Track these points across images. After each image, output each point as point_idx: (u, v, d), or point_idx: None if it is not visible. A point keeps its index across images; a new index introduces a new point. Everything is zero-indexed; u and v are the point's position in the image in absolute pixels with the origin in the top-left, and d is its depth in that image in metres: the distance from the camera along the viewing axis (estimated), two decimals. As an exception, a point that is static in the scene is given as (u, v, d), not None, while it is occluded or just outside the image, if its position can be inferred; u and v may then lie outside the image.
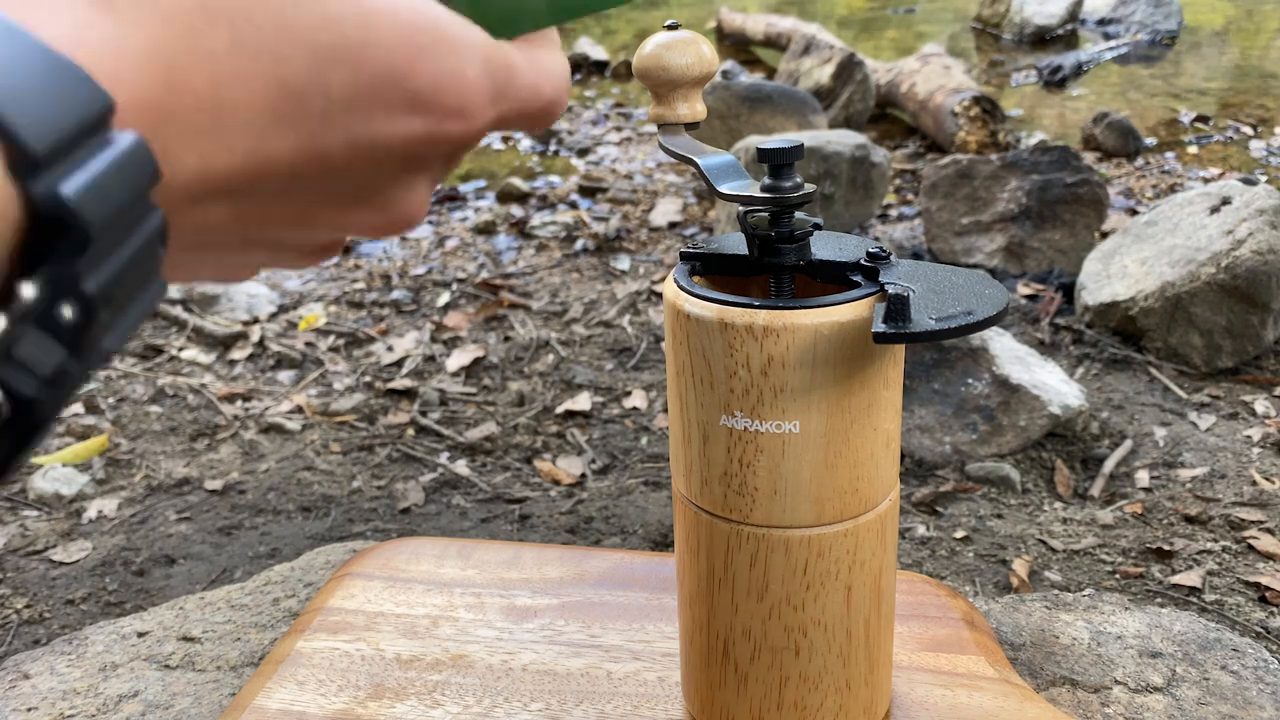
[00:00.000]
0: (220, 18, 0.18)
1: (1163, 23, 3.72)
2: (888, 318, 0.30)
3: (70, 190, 0.15)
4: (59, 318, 0.15)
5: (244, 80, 0.18)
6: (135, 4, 0.17)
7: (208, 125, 0.18)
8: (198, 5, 0.18)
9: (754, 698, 0.37)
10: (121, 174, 0.16)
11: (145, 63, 0.17)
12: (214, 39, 0.18)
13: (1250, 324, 1.40)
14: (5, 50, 0.15)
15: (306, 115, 0.19)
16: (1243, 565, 1.04)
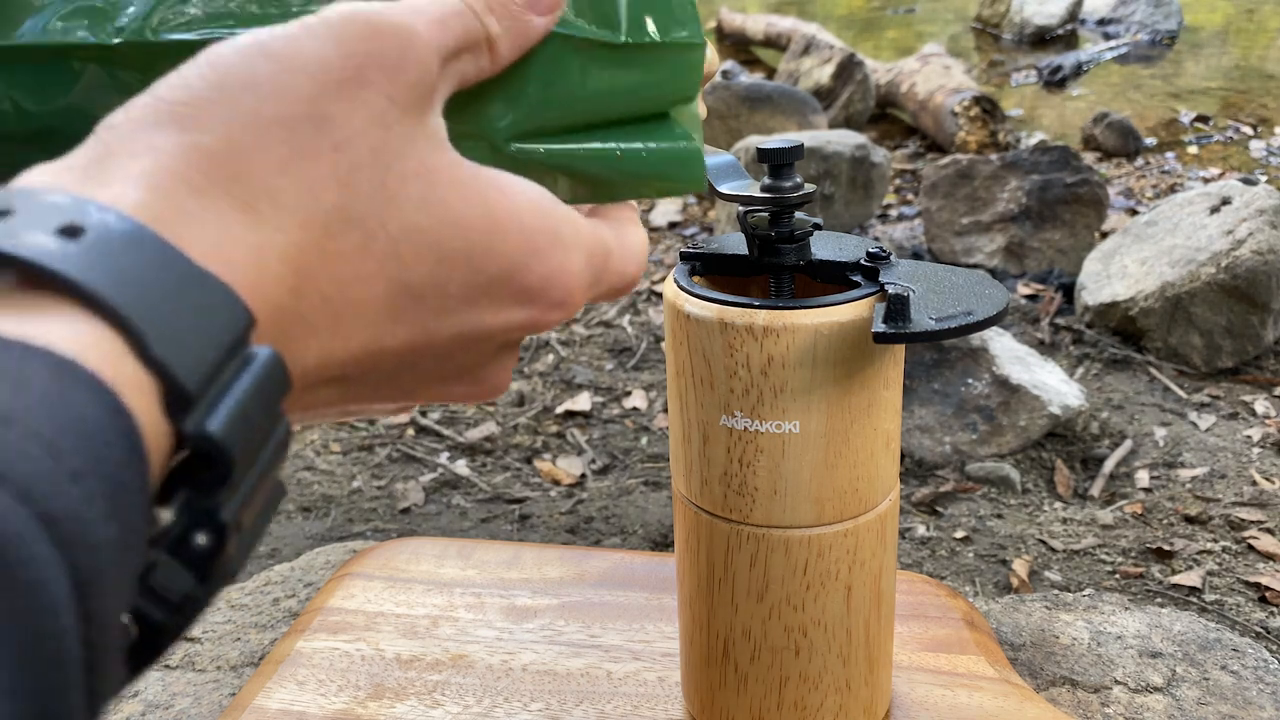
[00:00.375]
0: (354, 223, 0.18)
1: (1163, 23, 3.72)
2: (888, 318, 0.30)
3: (217, 427, 0.15)
4: (193, 546, 0.15)
5: (368, 281, 0.19)
6: (277, 208, 0.17)
7: (330, 324, 0.18)
8: (335, 209, 0.18)
9: (754, 698, 0.37)
10: (260, 395, 0.16)
11: (280, 267, 0.17)
12: (346, 242, 0.18)
13: (1250, 324, 1.40)
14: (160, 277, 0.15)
15: (423, 311, 0.19)
16: (1243, 565, 1.04)
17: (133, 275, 0.15)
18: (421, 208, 0.19)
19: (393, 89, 0.19)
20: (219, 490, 0.15)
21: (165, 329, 0.15)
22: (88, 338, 0.14)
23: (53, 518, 0.12)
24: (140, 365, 0.15)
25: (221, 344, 0.16)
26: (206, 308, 0.16)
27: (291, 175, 0.18)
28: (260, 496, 0.17)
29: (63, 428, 0.13)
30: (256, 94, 0.18)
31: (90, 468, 0.13)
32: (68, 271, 0.14)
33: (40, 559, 0.12)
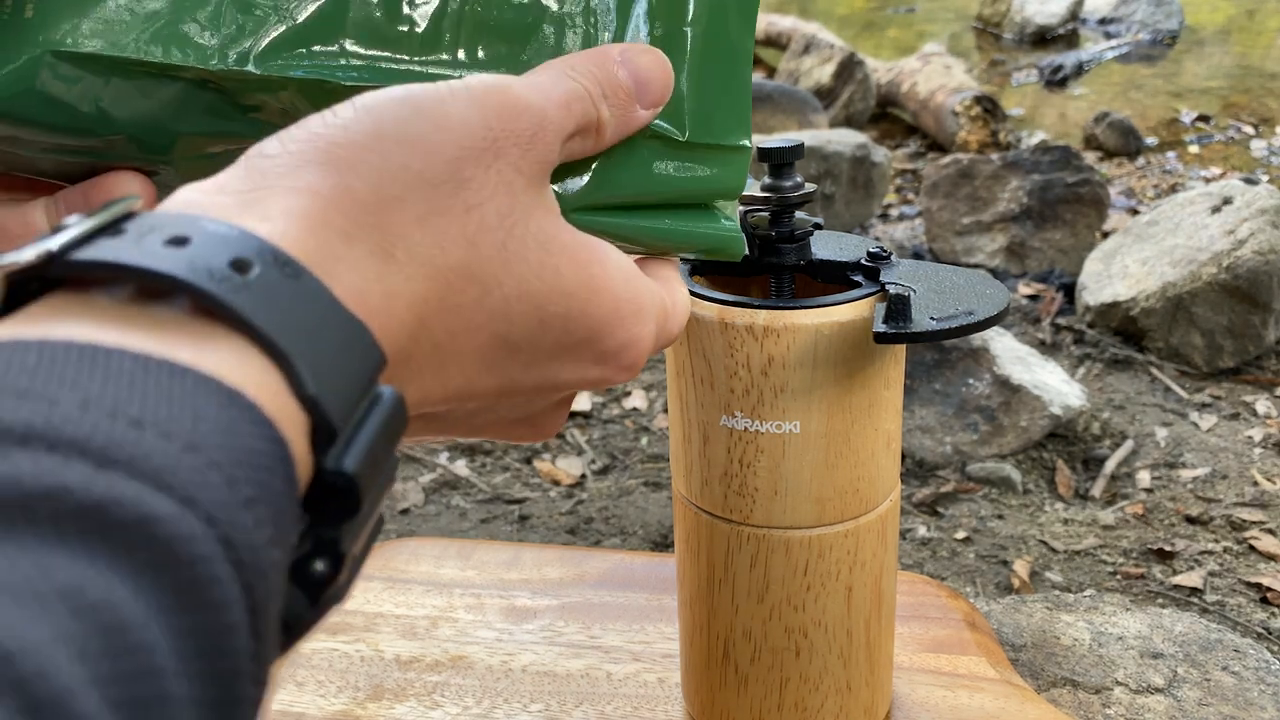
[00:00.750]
0: (475, 279, 0.20)
1: (1164, 22, 3.72)
2: (888, 318, 0.30)
3: (353, 464, 0.16)
4: (312, 572, 0.16)
5: (474, 333, 0.20)
6: (411, 258, 0.19)
7: (434, 368, 0.20)
8: (461, 264, 0.19)
9: (754, 699, 0.37)
10: (385, 434, 0.17)
11: (406, 314, 0.19)
12: (464, 297, 0.20)
13: (1251, 324, 1.40)
14: (314, 316, 0.16)
15: (514, 363, 0.21)
16: (1244, 566, 1.04)
17: (291, 313, 0.16)
18: (536, 272, 0.20)
19: (521, 162, 0.20)
20: (345, 523, 0.16)
21: (318, 367, 0.16)
22: (253, 371, 0.15)
23: (230, 541, 0.13)
24: (295, 401, 0.16)
25: (361, 384, 0.17)
26: (350, 348, 0.17)
27: (427, 229, 0.19)
28: (371, 529, 0.18)
29: (235, 458, 0.14)
30: (408, 149, 0.19)
31: (259, 495, 0.14)
32: (239, 307, 0.15)
33: (224, 579, 0.13)
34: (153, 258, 0.15)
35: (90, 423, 0.13)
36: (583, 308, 0.21)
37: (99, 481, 0.12)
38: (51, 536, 0.11)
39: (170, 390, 0.14)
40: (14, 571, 0.11)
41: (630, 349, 0.22)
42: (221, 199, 0.18)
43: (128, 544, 0.12)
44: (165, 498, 0.13)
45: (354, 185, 0.18)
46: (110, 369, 0.14)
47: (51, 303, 0.15)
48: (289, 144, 0.19)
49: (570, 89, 0.22)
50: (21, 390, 0.13)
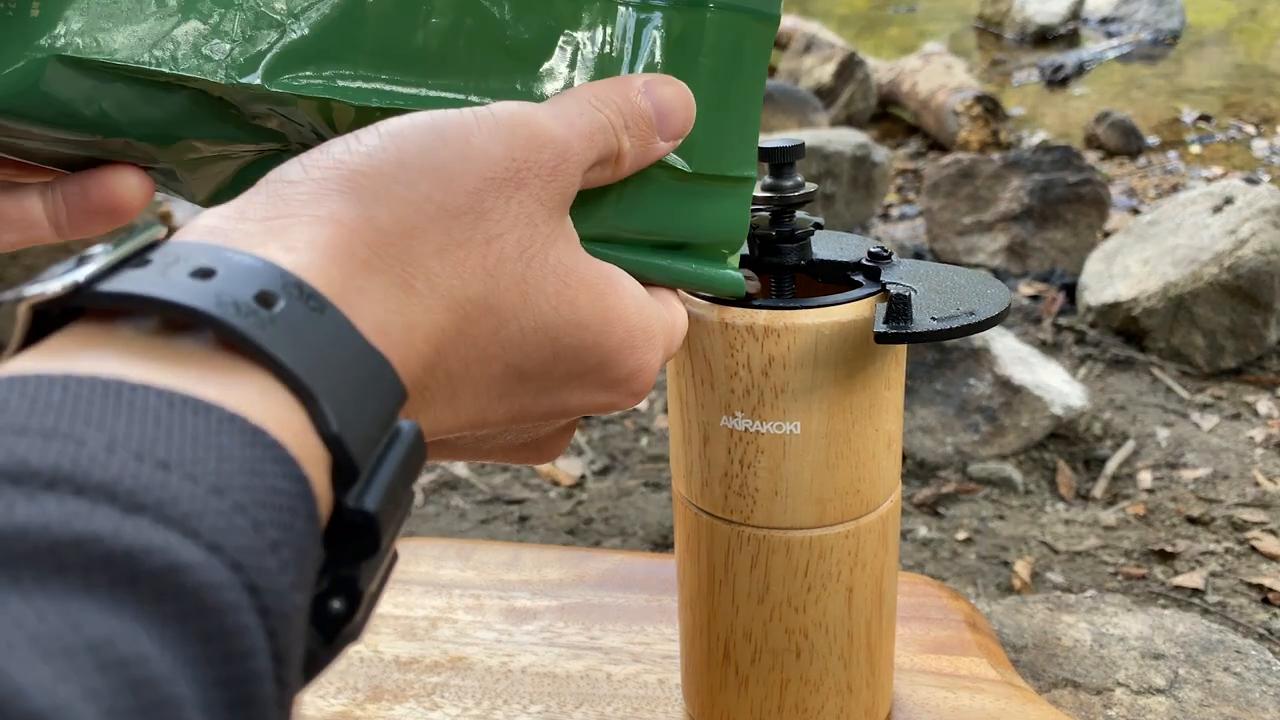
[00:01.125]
0: (491, 311, 0.20)
1: (1165, 21, 3.72)
2: (889, 318, 0.30)
3: (374, 503, 0.16)
4: (329, 610, 0.16)
5: (488, 363, 0.20)
6: (431, 289, 0.19)
7: (447, 397, 0.20)
8: (479, 296, 0.19)
9: (755, 700, 0.37)
10: (405, 470, 0.17)
11: (423, 345, 0.19)
12: (480, 328, 0.20)
13: (1253, 324, 1.40)
14: (339, 353, 0.16)
15: (525, 392, 0.21)
16: (1245, 567, 1.04)
17: (316, 349, 0.16)
18: (554, 305, 0.20)
19: (543, 194, 0.20)
20: (364, 561, 0.16)
21: (341, 404, 0.16)
22: (276, 408, 0.15)
23: (256, 588, 0.13)
24: (317, 438, 0.15)
25: (382, 421, 0.17)
26: (373, 384, 0.17)
27: (447, 261, 0.19)
28: (387, 567, 0.18)
29: (260, 499, 0.14)
30: (431, 179, 0.19)
31: (283, 537, 0.14)
32: (264, 343, 0.15)
33: (250, 627, 0.13)
34: (178, 290, 0.15)
35: (118, 465, 0.13)
36: (596, 339, 0.21)
37: (127, 528, 0.12)
38: (80, 587, 0.11)
39: (195, 429, 0.14)
40: (43, 624, 0.11)
41: (639, 376, 0.23)
42: (244, 226, 0.17)
43: (156, 594, 0.12)
44: (192, 544, 0.12)
45: (377, 215, 0.18)
46: (135, 407, 0.13)
47: (75, 334, 0.15)
48: (312, 170, 0.18)
49: (594, 120, 0.22)
50: (49, 430, 0.13)
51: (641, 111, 0.23)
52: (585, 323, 0.21)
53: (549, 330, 0.20)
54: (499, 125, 0.20)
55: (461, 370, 0.20)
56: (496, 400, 0.21)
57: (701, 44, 0.25)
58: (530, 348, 0.20)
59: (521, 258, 0.20)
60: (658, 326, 0.23)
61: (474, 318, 0.19)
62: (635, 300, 0.22)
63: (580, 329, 0.21)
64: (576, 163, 0.21)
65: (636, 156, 0.23)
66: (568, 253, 0.21)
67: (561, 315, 0.21)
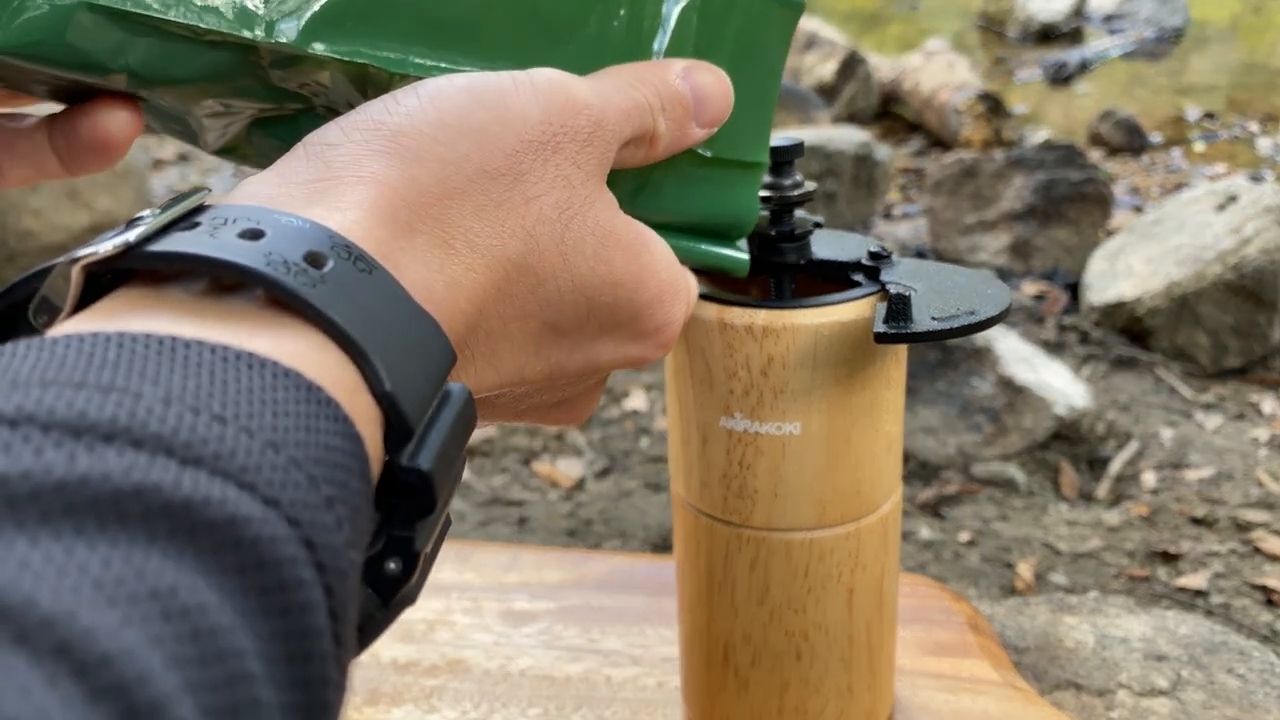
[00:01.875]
0: (530, 270, 0.20)
1: (1169, 19, 3.71)
2: (889, 317, 0.30)
3: (428, 462, 0.16)
4: (385, 572, 0.16)
5: (525, 321, 0.20)
6: (471, 249, 0.19)
7: (487, 355, 0.20)
8: (519, 255, 0.19)
9: (755, 702, 0.36)
10: (457, 432, 0.17)
11: (466, 305, 0.19)
12: (519, 286, 0.20)
13: (1257, 323, 1.39)
14: (389, 313, 0.16)
15: (560, 348, 0.21)
16: (1249, 567, 1.03)
17: (366, 308, 0.16)
18: (591, 265, 0.21)
19: (579, 157, 0.21)
20: (419, 521, 0.16)
21: (393, 363, 0.16)
22: (330, 366, 0.15)
23: (312, 543, 0.13)
24: (370, 397, 0.15)
25: (434, 381, 0.17)
26: (424, 345, 0.17)
27: (486, 220, 0.19)
28: (441, 528, 0.18)
29: (315, 455, 0.14)
30: (470, 140, 0.19)
31: (338, 494, 0.14)
32: (315, 301, 0.15)
33: (308, 582, 0.13)
34: (228, 250, 0.15)
35: (174, 417, 0.13)
36: (630, 295, 0.22)
37: (185, 480, 0.12)
38: (142, 535, 0.11)
39: (250, 384, 0.14)
40: (108, 570, 0.11)
41: (666, 328, 0.23)
42: (288, 189, 0.18)
43: (215, 545, 0.12)
44: (249, 497, 0.12)
45: (418, 176, 0.18)
46: (190, 362, 0.13)
47: (127, 295, 0.15)
48: (352, 133, 0.19)
49: (632, 98, 0.22)
50: (106, 384, 0.13)
51: (680, 95, 0.23)
52: (620, 281, 0.21)
53: (585, 289, 0.21)
54: (537, 90, 0.20)
55: (500, 328, 0.20)
56: (534, 357, 0.21)
57: (728, 26, 0.25)
58: (567, 306, 0.21)
59: (560, 219, 0.20)
60: (682, 282, 0.24)
61: (513, 277, 0.19)
62: (665, 258, 0.23)
63: (615, 287, 0.21)
64: (612, 134, 0.21)
65: (671, 140, 0.23)
66: (606, 215, 0.21)
67: (598, 275, 0.21)
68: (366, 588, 0.16)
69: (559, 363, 0.21)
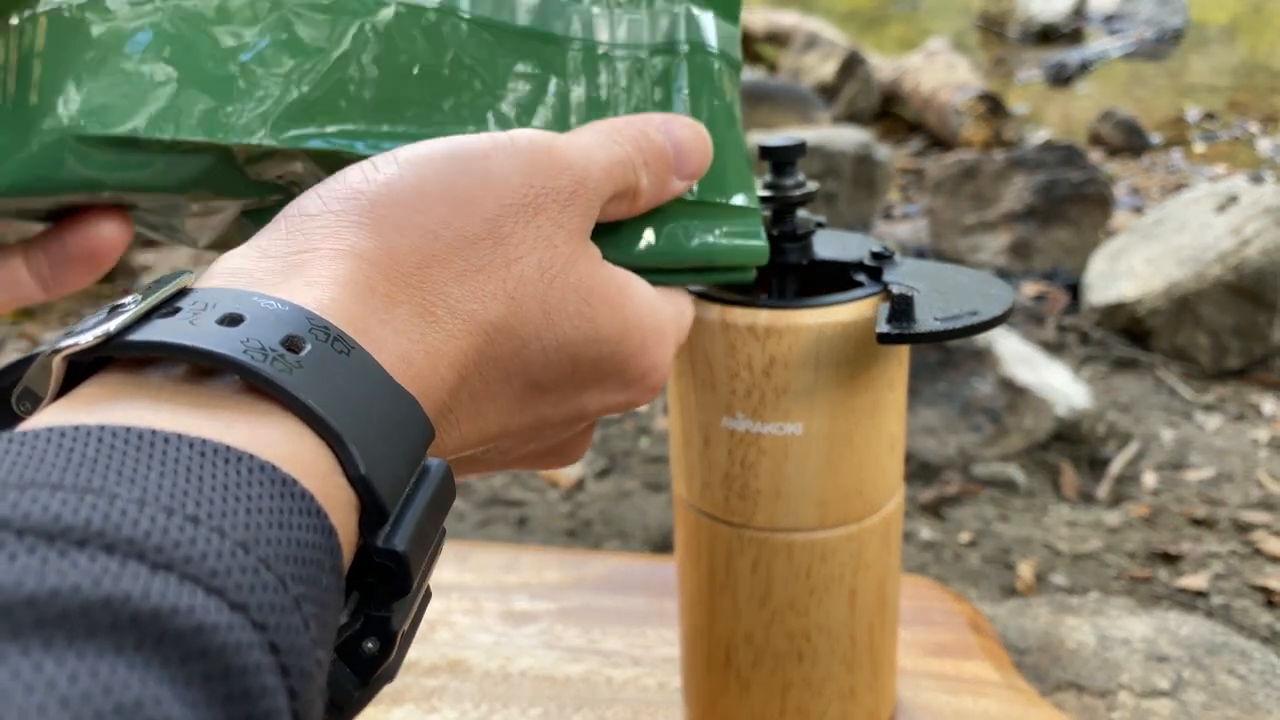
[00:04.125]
0: (515, 333, 0.20)
1: (1169, 19, 3.71)
2: (892, 318, 0.30)
3: (403, 544, 0.16)
4: (362, 652, 0.16)
5: (509, 381, 0.20)
6: (452, 315, 0.19)
7: (471, 415, 0.20)
8: (501, 320, 0.19)
9: (756, 704, 0.36)
10: (434, 510, 0.17)
11: (447, 372, 0.19)
12: (502, 349, 0.20)
13: (1258, 324, 1.39)
14: (366, 395, 0.16)
15: (546, 402, 0.21)
16: (1250, 568, 1.03)
17: (343, 393, 0.16)
18: (575, 323, 0.21)
19: (561, 217, 0.21)
20: (394, 602, 0.16)
21: (368, 447, 0.16)
22: (305, 452, 0.15)
23: (278, 647, 0.13)
24: (346, 483, 0.16)
25: (410, 460, 0.17)
26: (401, 425, 0.17)
27: (467, 286, 0.19)
28: (420, 605, 0.18)
29: (287, 554, 0.14)
30: (449, 207, 0.19)
31: (307, 593, 0.14)
32: (292, 388, 0.15)
33: (271, 688, 0.13)
34: (206, 338, 0.15)
35: (148, 519, 0.13)
36: (614, 349, 0.22)
37: (155, 586, 0.12)
38: (110, 648, 0.12)
39: (226, 479, 0.14)
40: (75, 687, 0.11)
41: (653, 373, 0.23)
42: (267, 264, 0.18)
43: (182, 654, 0.12)
44: (217, 602, 0.13)
45: (397, 245, 0.18)
46: (168, 458, 0.14)
47: (107, 382, 0.16)
48: (330, 202, 0.19)
49: (614, 154, 0.22)
50: (82, 486, 0.13)
51: (660, 149, 0.23)
52: (605, 336, 0.21)
53: (570, 347, 0.21)
54: (518, 151, 0.20)
55: (484, 389, 0.20)
56: (518, 413, 0.21)
57: (679, 81, 0.26)
58: (551, 364, 0.21)
59: (542, 279, 0.20)
60: (669, 324, 0.24)
61: (497, 340, 0.20)
62: (648, 304, 0.23)
63: (600, 343, 0.21)
64: (594, 191, 0.21)
65: (654, 193, 0.24)
66: (588, 271, 0.21)
67: (582, 332, 0.21)
68: (344, 666, 0.16)
69: (544, 416, 0.22)
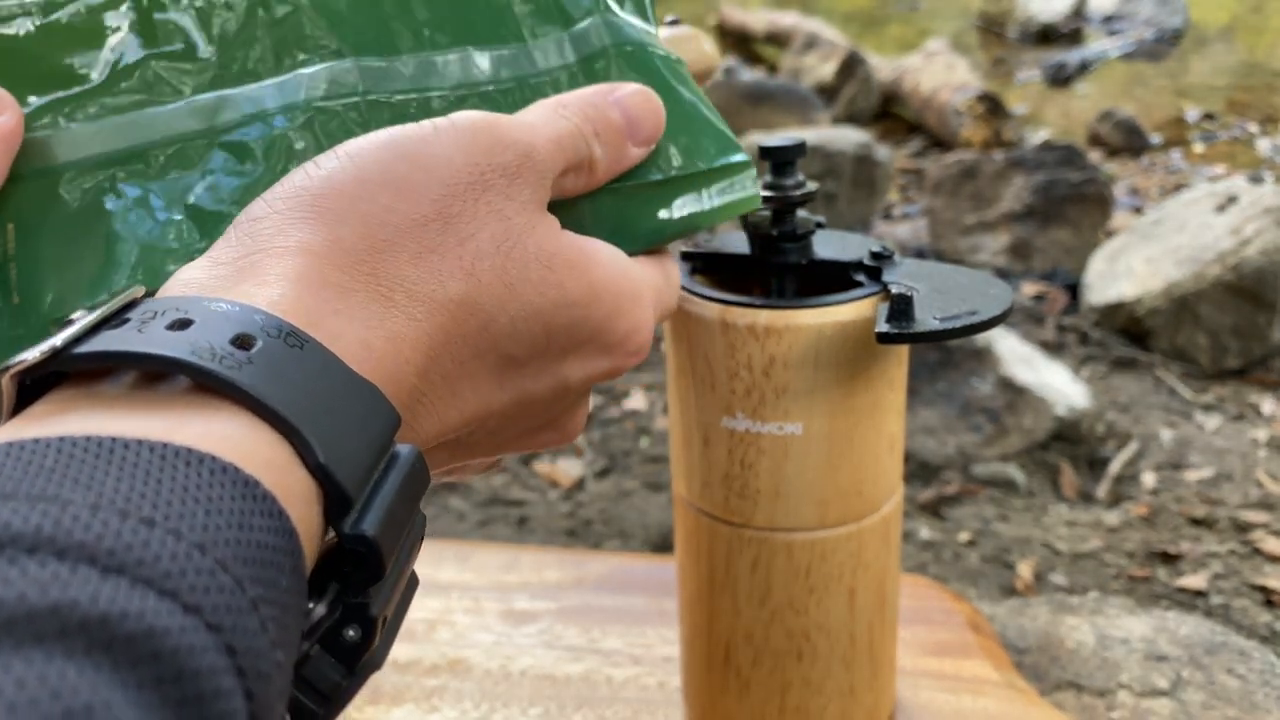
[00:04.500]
0: (477, 308, 0.20)
1: (1168, 20, 3.71)
2: (891, 317, 0.30)
3: (372, 529, 0.16)
4: (344, 640, 0.16)
5: (482, 358, 0.20)
6: (411, 299, 0.19)
7: (447, 396, 0.20)
8: (463, 296, 0.19)
9: (756, 703, 0.36)
10: (406, 495, 0.17)
11: (412, 354, 0.19)
12: (468, 326, 0.20)
13: (1257, 324, 1.39)
14: (322, 385, 0.16)
15: (525, 376, 0.21)
16: (1249, 568, 1.04)
17: (299, 384, 0.16)
18: (540, 290, 0.20)
19: (510, 190, 0.20)
20: (371, 588, 0.16)
21: (329, 437, 0.16)
22: (262, 447, 0.15)
23: (234, 649, 0.13)
24: (306, 474, 0.16)
25: (375, 447, 0.17)
26: (363, 413, 0.17)
27: (423, 268, 0.19)
28: (403, 589, 0.18)
29: (245, 555, 0.14)
30: (392, 193, 0.19)
31: (265, 594, 0.14)
32: (241, 383, 0.15)
33: (226, 691, 0.13)
34: (154, 344, 0.15)
35: (100, 524, 0.13)
36: (585, 313, 0.21)
37: (105, 591, 0.12)
38: (58, 653, 0.11)
39: (185, 481, 0.14)
40: (22, 692, 0.11)
41: (634, 336, 0.23)
42: (218, 271, 0.18)
43: (133, 658, 0.12)
44: (170, 605, 0.12)
45: (344, 236, 0.18)
46: (126, 463, 0.14)
47: (60, 397, 0.16)
48: (275, 204, 0.19)
49: (561, 127, 0.22)
50: (36, 494, 0.13)
51: (610, 118, 0.23)
52: (573, 300, 0.21)
53: (539, 316, 0.21)
54: (458, 132, 0.20)
55: (456, 369, 0.20)
56: (498, 390, 0.21)
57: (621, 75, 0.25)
58: (522, 336, 0.20)
59: (499, 251, 0.20)
60: (644, 286, 0.23)
61: (460, 318, 0.19)
62: (617, 266, 0.22)
63: (569, 307, 0.21)
64: (543, 164, 0.21)
65: (610, 163, 0.23)
66: (548, 238, 0.21)
67: (549, 299, 0.21)
68: (328, 656, 0.16)
69: (526, 390, 0.21)
